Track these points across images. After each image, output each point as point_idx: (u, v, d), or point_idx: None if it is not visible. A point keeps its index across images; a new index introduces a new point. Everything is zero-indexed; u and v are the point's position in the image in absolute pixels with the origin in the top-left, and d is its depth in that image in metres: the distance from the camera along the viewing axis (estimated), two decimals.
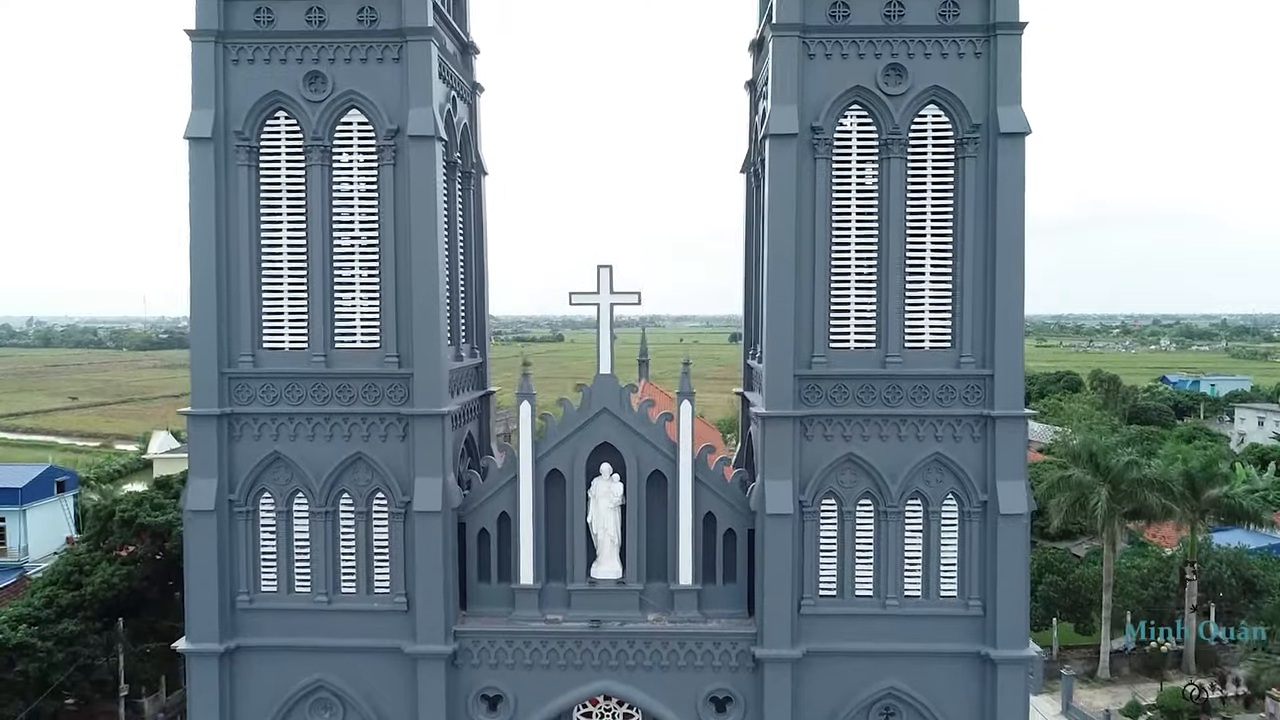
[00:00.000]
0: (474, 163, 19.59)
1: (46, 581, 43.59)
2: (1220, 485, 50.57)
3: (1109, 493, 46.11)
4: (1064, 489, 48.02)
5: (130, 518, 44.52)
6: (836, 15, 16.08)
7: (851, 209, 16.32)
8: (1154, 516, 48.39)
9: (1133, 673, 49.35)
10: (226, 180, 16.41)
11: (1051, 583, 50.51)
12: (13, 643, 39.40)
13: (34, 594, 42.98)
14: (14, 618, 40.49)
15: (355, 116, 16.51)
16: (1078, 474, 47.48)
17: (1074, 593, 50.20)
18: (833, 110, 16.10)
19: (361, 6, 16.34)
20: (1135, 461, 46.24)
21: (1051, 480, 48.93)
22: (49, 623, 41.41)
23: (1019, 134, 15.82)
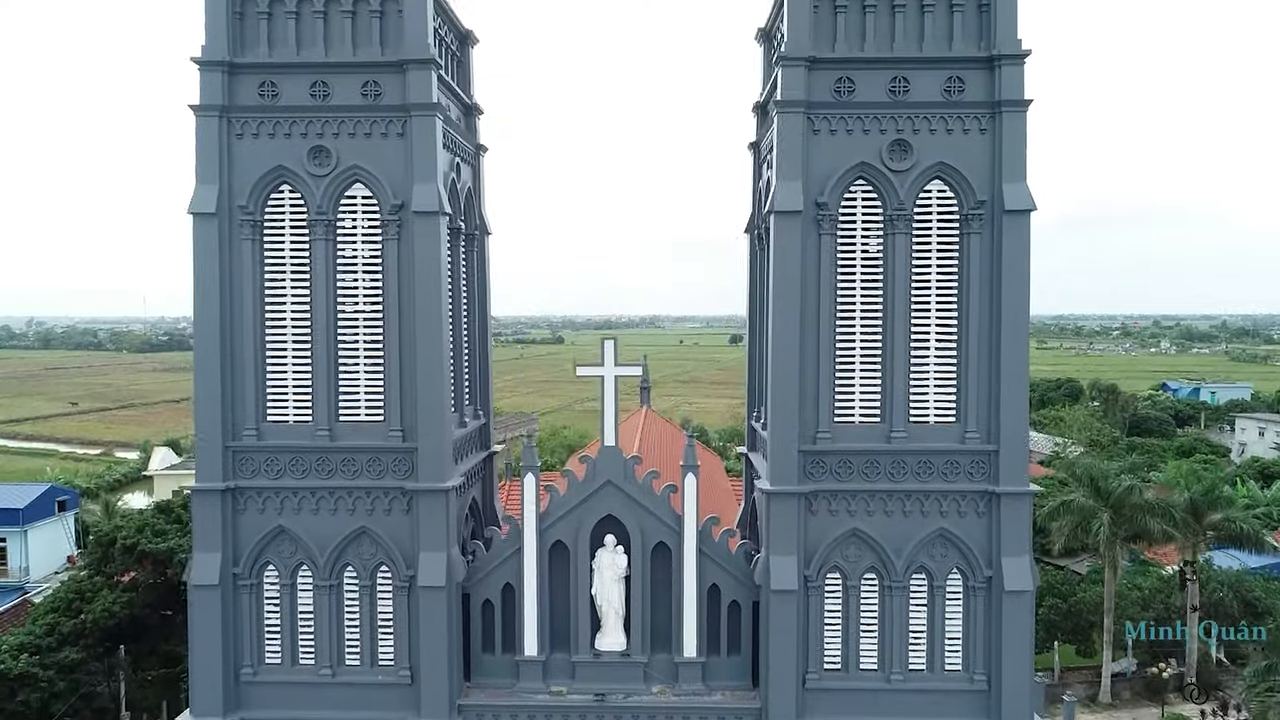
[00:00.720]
0: (477, 224, 19.58)
1: (47, 609, 43.59)
2: (1222, 509, 50.62)
3: (1110, 518, 46.23)
4: (1066, 513, 48.13)
5: (132, 544, 44.52)
6: (841, 90, 16.06)
7: (856, 284, 16.31)
8: (1155, 540, 48.50)
9: (1134, 696, 49.47)
10: (230, 254, 16.39)
11: (1052, 605, 50.56)
12: (14, 672, 39.41)
13: (35, 621, 42.99)
14: (15, 647, 40.48)
15: (359, 190, 16.49)
16: (1079, 499, 47.57)
17: (1075, 615, 50.27)
18: (838, 186, 16.08)
19: (366, 81, 16.32)
20: (1137, 487, 46.29)
21: (1053, 505, 49.06)
22: (50, 651, 41.43)
23: (1024, 211, 15.81)
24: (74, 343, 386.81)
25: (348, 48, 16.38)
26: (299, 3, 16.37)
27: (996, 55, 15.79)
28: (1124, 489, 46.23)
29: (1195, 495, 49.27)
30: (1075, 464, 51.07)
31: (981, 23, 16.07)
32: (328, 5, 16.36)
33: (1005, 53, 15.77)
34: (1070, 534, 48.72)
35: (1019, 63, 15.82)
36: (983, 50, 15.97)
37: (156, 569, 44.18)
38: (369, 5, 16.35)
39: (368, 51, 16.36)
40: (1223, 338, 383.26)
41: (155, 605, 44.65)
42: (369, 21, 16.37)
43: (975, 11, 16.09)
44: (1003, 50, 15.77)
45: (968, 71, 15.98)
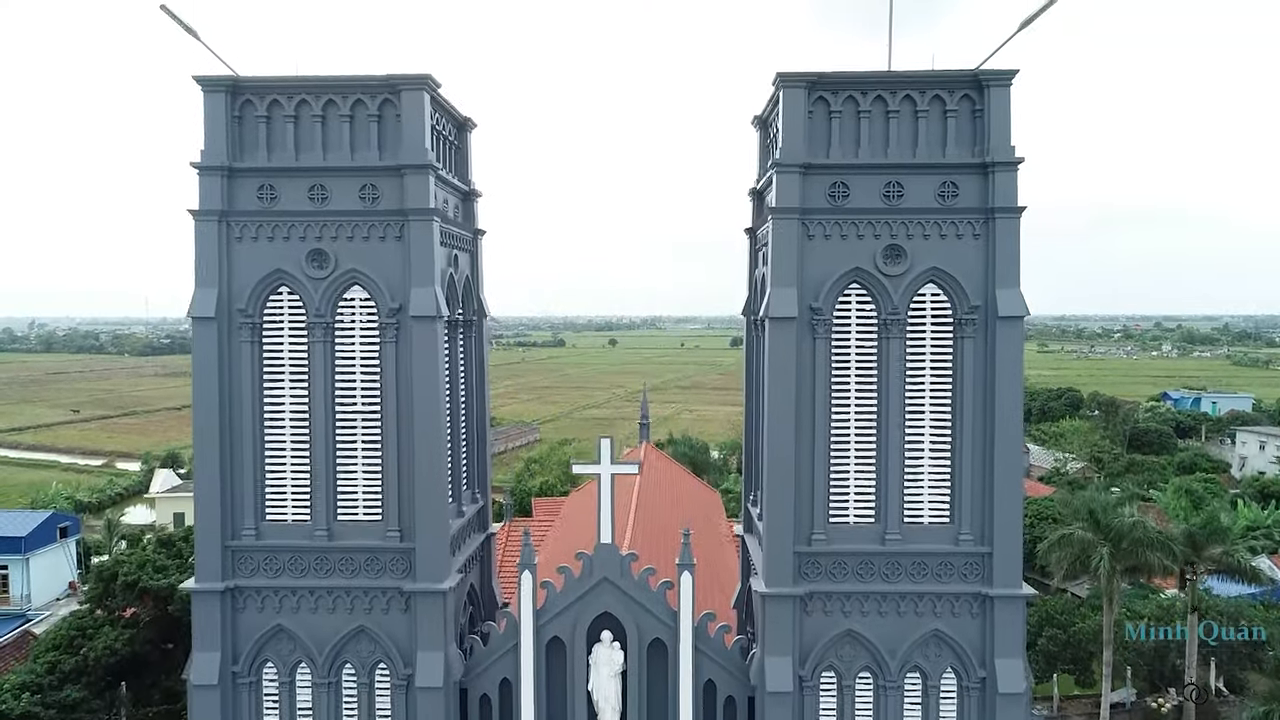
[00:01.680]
0: (475, 309, 19.69)
1: (49, 646, 43.77)
2: (1221, 542, 50.72)
3: (1110, 551, 46.33)
4: (1065, 546, 48.22)
5: (133, 581, 44.71)
6: (836, 195, 16.16)
7: (851, 386, 16.41)
8: (1154, 572, 48.62)
9: None
10: (230, 356, 16.52)
11: (1051, 636, 50.71)
12: (16, 712, 39.62)
13: (36, 659, 43.18)
14: (17, 686, 40.69)
15: (358, 293, 16.61)
16: (1079, 532, 47.66)
17: (1074, 645, 50.39)
18: (832, 290, 16.19)
19: (364, 184, 16.43)
20: (1138, 522, 46.35)
21: (1053, 538, 49.17)
22: (52, 689, 41.63)
23: (1017, 317, 15.91)
24: (76, 346, 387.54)
25: (346, 152, 16.49)
26: (297, 107, 16.48)
27: (990, 162, 15.89)
28: (1126, 524, 46.30)
29: (1194, 528, 49.38)
30: (1074, 497, 51.09)
31: (975, 128, 16.17)
32: (326, 109, 16.47)
33: (999, 160, 15.86)
34: (1070, 567, 48.86)
35: (1012, 169, 15.93)
36: (976, 156, 16.07)
37: (158, 604, 44.38)
38: (366, 110, 16.45)
39: (365, 156, 16.48)
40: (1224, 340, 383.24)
41: (156, 641, 44.85)
42: (367, 126, 16.48)
43: (969, 117, 16.19)
44: (996, 158, 15.87)
45: (961, 177, 16.08)
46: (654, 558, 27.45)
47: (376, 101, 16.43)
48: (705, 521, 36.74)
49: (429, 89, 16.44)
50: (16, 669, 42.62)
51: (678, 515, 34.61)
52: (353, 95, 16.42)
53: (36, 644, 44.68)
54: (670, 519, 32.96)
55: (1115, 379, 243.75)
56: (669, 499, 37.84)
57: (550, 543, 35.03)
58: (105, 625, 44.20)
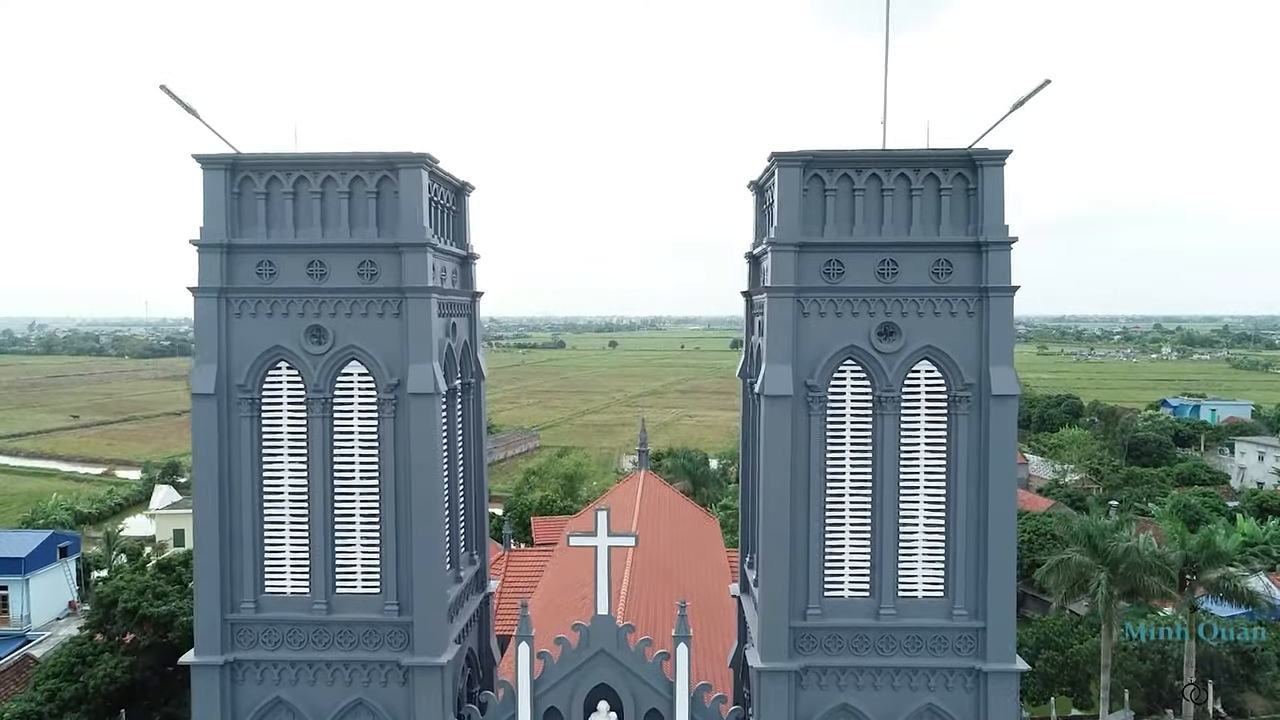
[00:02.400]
0: (473, 371, 19.80)
1: (49, 673, 43.93)
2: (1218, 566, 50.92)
3: (1108, 577, 46.52)
4: (1063, 571, 48.43)
5: (133, 608, 44.87)
6: (831, 273, 16.27)
7: (846, 461, 16.53)
8: (1152, 595, 48.81)
9: None
10: (229, 431, 16.64)
11: (1049, 658, 50.87)
12: None
13: (36, 687, 43.36)
14: (18, 715, 40.90)
15: (356, 368, 16.72)
16: (1077, 557, 47.84)
17: (1072, 667, 50.54)
18: (827, 367, 16.30)
19: (362, 261, 16.55)
20: (1134, 548, 46.53)
21: (1051, 563, 49.38)
22: (52, 718, 41.81)
23: (1010, 396, 16.03)
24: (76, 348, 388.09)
25: (344, 228, 16.61)
26: (296, 183, 16.60)
27: (984, 242, 16.00)
28: (1122, 549, 46.50)
29: (1190, 552, 49.56)
30: (1073, 521, 51.28)
31: (969, 206, 16.28)
32: (324, 186, 16.58)
33: (992, 240, 15.98)
34: (1068, 591, 49.02)
35: (1005, 249, 16.04)
36: (970, 235, 16.18)
37: (158, 631, 44.53)
38: (365, 186, 16.56)
39: (364, 232, 16.59)
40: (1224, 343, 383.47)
41: (156, 667, 45.00)
42: (365, 202, 16.59)
43: (963, 195, 16.30)
44: (989, 238, 15.98)
45: (955, 255, 16.19)
46: (652, 598, 27.59)
47: (375, 178, 16.54)
48: (704, 557, 36.88)
49: (427, 166, 16.56)
50: (16, 696, 42.82)
51: (676, 552, 34.75)
52: (351, 172, 16.53)
53: (36, 670, 44.84)
54: (669, 557, 33.09)
55: (1115, 383, 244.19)
56: (668, 529, 37.97)
57: (549, 578, 35.14)
58: (105, 652, 44.38)
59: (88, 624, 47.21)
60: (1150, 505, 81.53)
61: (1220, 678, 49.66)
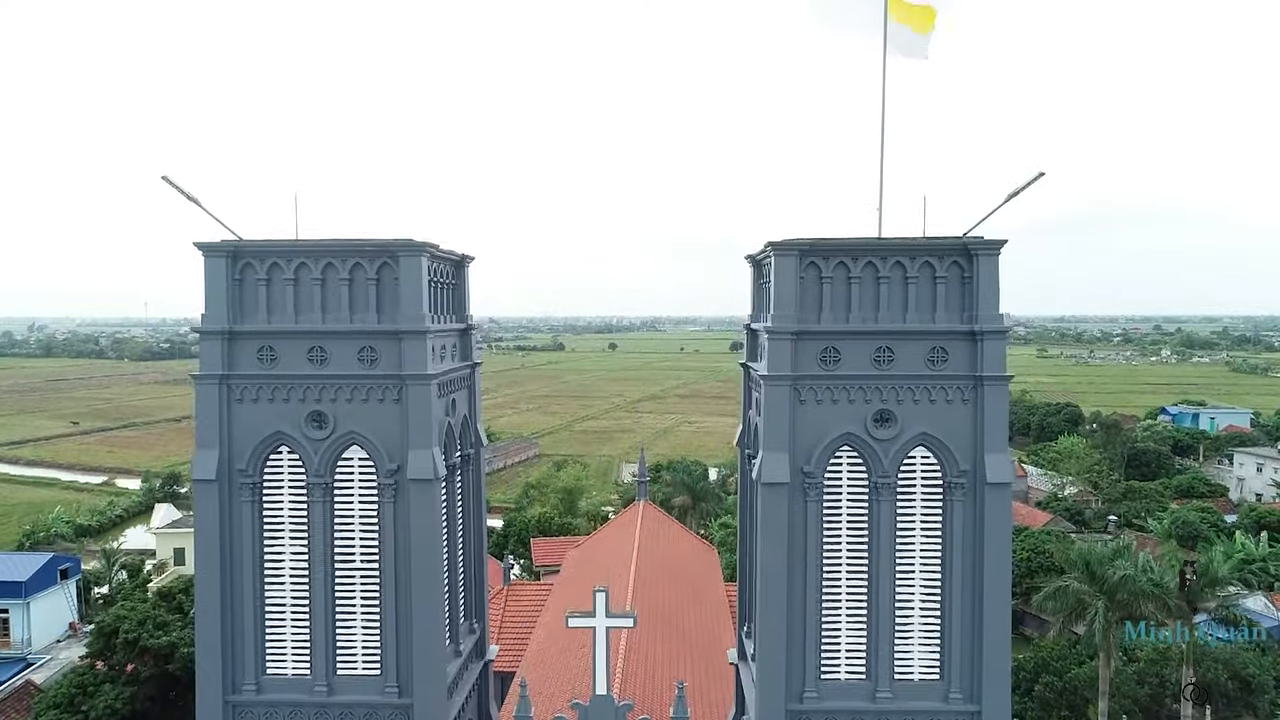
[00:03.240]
0: (472, 441, 19.93)
1: (50, 703, 44.11)
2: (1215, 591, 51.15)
3: (1105, 604, 46.74)
4: (1061, 598, 48.65)
5: (134, 639, 45.03)
6: (827, 360, 16.41)
7: (842, 545, 16.66)
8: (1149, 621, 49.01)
9: None
10: (231, 515, 16.79)
11: (1048, 683, 51.05)
12: None
13: (38, 717, 43.51)
14: None
15: (356, 453, 16.86)
16: (1074, 584, 48.04)
17: (1070, 692, 50.73)
18: (824, 454, 16.43)
19: (362, 347, 16.68)
20: (1130, 576, 46.73)
21: (1049, 591, 49.56)
22: None
23: (1005, 484, 16.18)
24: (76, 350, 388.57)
25: (345, 314, 16.74)
26: (297, 270, 16.73)
27: (979, 331, 16.14)
28: (1119, 578, 46.70)
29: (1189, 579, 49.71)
30: (1070, 548, 51.45)
31: (964, 293, 16.41)
32: (325, 272, 16.72)
33: (987, 329, 16.12)
34: (1066, 618, 49.23)
35: (1001, 338, 16.18)
36: (965, 323, 16.31)
37: (158, 662, 44.72)
38: (365, 273, 16.70)
39: (364, 318, 16.72)
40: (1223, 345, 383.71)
41: (157, 698, 45.16)
42: (365, 288, 16.72)
43: (958, 283, 16.43)
44: (985, 327, 16.11)
45: (951, 343, 16.33)
46: (651, 649, 27.70)
47: (375, 265, 16.68)
48: (703, 595, 37.02)
49: (427, 253, 16.69)
50: None
51: (676, 591, 34.90)
52: (351, 259, 16.67)
53: (38, 700, 45.01)
54: (669, 598, 33.22)
55: (1114, 387, 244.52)
56: (667, 566, 38.12)
57: (547, 619, 35.25)
58: (106, 682, 44.55)
59: (89, 653, 47.36)
60: (1149, 520, 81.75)
61: (1218, 701, 49.85)
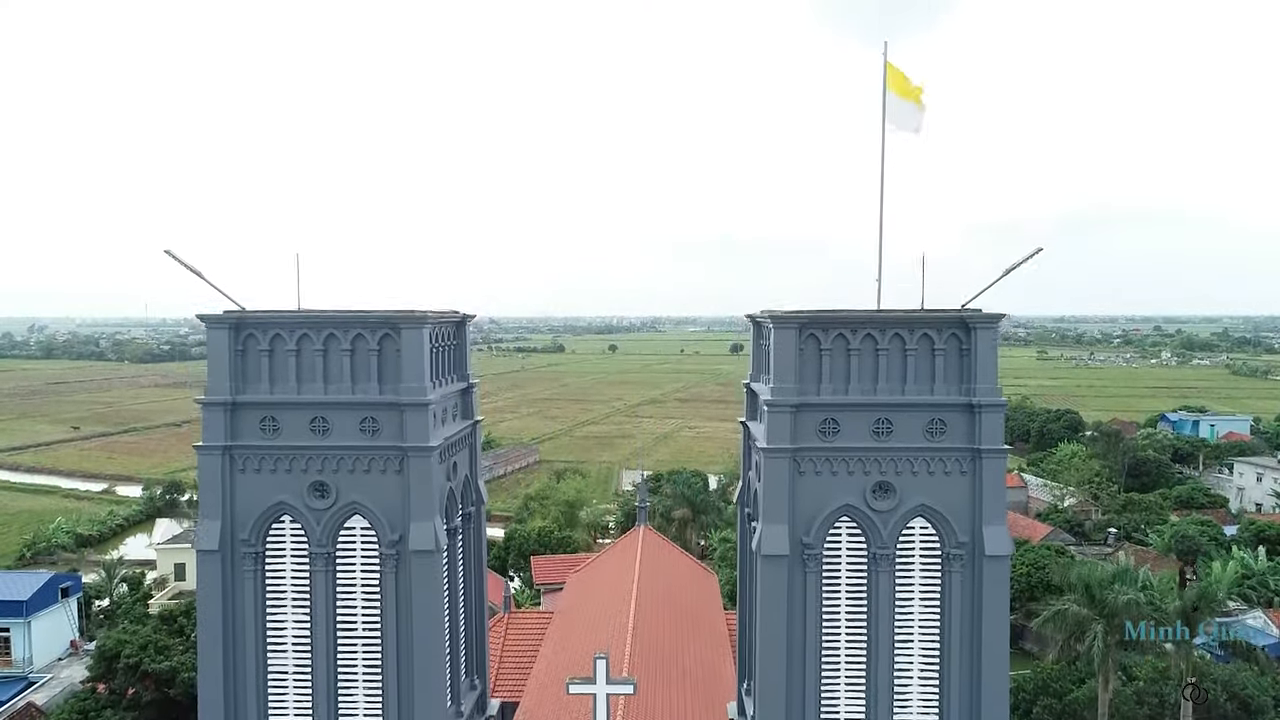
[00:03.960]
0: (474, 499, 20.03)
1: None
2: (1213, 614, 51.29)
3: (1104, 628, 46.86)
4: (1060, 621, 48.76)
5: (135, 664, 45.12)
6: (826, 432, 16.50)
7: (841, 615, 16.76)
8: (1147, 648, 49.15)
9: None
10: (233, 584, 16.88)
11: (1047, 705, 51.16)
12: None
13: None
14: None
15: (358, 522, 16.95)
16: (1074, 608, 48.16)
17: (1069, 715, 50.85)
18: (823, 526, 16.53)
19: (364, 417, 16.77)
20: (1134, 600, 46.85)
21: (1048, 615, 49.68)
22: None
23: (1003, 556, 16.28)
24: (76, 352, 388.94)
25: (347, 384, 16.83)
26: (299, 340, 16.83)
27: (977, 404, 16.24)
28: (1121, 603, 46.83)
29: (1188, 603, 49.89)
30: (1070, 570, 51.56)
31: (963, 365, 16.51)
32: (327, 343, 16.82)
33: (985, 402, 16.22)
34: (1065, 642, 49.35)
35: (998, 411, 16.28)
36: (963, 395, 16.41)
37: (159, 687, 44.82)
38: (367, 344, 16.80)
39: (366, 389, 16.82)
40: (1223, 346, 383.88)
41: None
42: (367, 359, 16.82)
43: (956, 355, 16.53)
44: (983, 400, 16.22)
45: (949, 415, 16.42)
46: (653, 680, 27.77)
47: (376, 336, 16.77)
48: (703, 627, 37.12)
49: (429, 324, 16.79)
50: None
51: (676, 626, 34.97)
52: (353, 330, 16.76)
53: None
54: (669, 635, 33.28)
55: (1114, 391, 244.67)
56: (666, 596, 38.21)
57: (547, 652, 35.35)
58: (107, 707, 44.66)
59: (90, 676, 47.48)
60: (1149, 534, 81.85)
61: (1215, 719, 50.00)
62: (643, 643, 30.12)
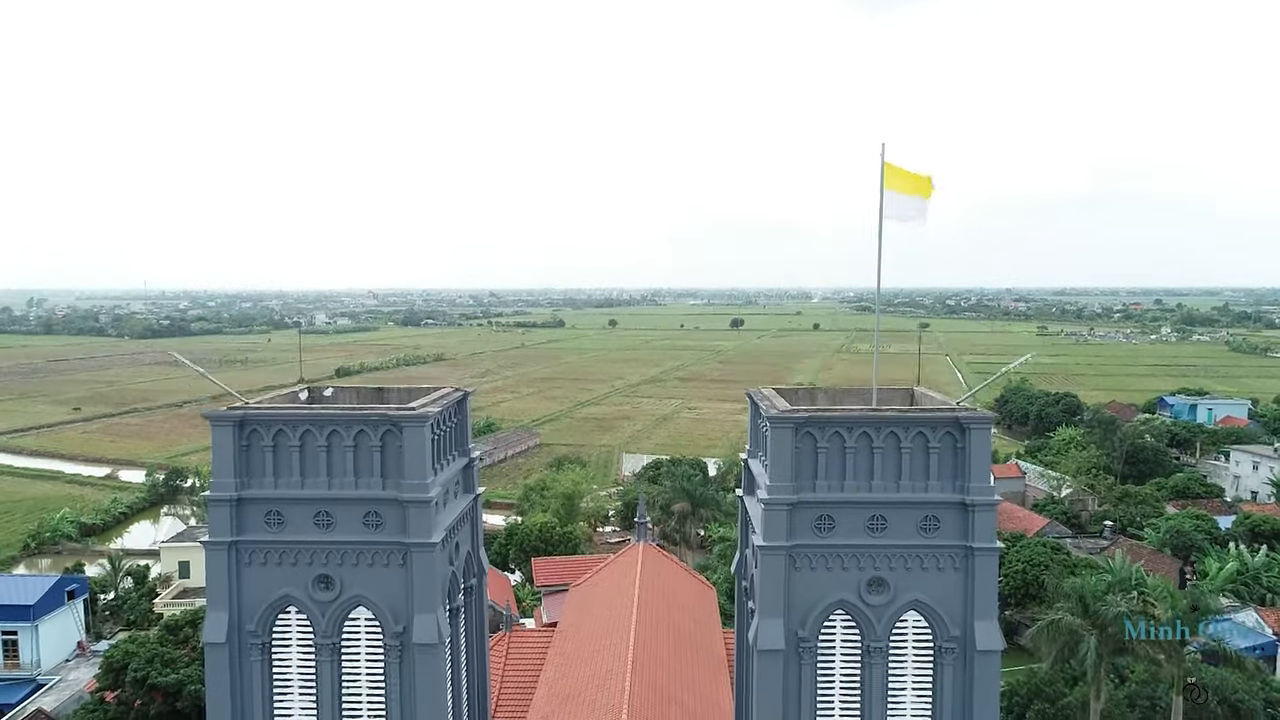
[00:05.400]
0: (475, 571, 20.38)
1: None
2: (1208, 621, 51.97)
3: (1097, 639, 47.54)
4: (1054, 633, 49.44)
5: (142, 677, 45.81)
6: (822, 529, 16.80)
7: (835, 707, 17.14)
8: (1139, 658, 49.83)
9: None
10: (241, 673, 17.25)
11: (1040, 710, 51.99)
12: None
13: None
14: None
15: (363, 613, 17.29)
16: (1068, 619, 48.81)
17: (1062, 719, 51.72)
18: (818, 620, 16.88)
19: (368, 512, 17.05)
20: (1123, 614, 47.47)
21: (1042, 625, 50.36)
22: None
23: (994, 651, 16.63)
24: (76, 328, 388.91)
25: (350, 479, 17.09)
26: (302, 436, 17.06)
27: (970, 503, 16.51)
28: (1113, 615, 47.47)
29: (1181, 612, 50.54)
30: (1065, 582, 52.16)
31: (956, 463, 16.77)
32: (330, 439, 17.05)
33: (978, 501, 16.50)
34: (1058, 653, 50.04)
35: (991, 509, 16.56)
36: (957, 492, 16.68)
37: (166, 700, 45.53)
38: (370, 440, 17.03)
39: (369, 484, 17.08)
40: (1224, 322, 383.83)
41: None
42: (370, 455, 17.07)
43: (950, 453, 16.78)
44: (975, 499, 16.50)
45: (943, 512, 16.70)
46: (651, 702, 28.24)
47: (379, 433, 17.00)
48: (702, 646, 37.67)
49: (431, 422, 17.01)
50: None
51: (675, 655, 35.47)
52: (355, 427, 16.99)
53: None
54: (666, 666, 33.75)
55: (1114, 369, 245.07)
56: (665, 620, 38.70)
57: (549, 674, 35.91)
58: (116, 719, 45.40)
59: (99, 686, 48.18)
60: (1145, 529, 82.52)
61: None
62: (642, 679, 30.60)
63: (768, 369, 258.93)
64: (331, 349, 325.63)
